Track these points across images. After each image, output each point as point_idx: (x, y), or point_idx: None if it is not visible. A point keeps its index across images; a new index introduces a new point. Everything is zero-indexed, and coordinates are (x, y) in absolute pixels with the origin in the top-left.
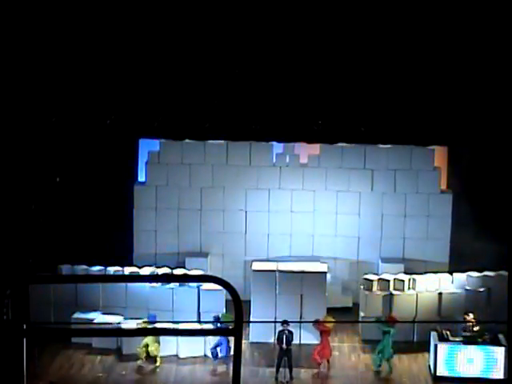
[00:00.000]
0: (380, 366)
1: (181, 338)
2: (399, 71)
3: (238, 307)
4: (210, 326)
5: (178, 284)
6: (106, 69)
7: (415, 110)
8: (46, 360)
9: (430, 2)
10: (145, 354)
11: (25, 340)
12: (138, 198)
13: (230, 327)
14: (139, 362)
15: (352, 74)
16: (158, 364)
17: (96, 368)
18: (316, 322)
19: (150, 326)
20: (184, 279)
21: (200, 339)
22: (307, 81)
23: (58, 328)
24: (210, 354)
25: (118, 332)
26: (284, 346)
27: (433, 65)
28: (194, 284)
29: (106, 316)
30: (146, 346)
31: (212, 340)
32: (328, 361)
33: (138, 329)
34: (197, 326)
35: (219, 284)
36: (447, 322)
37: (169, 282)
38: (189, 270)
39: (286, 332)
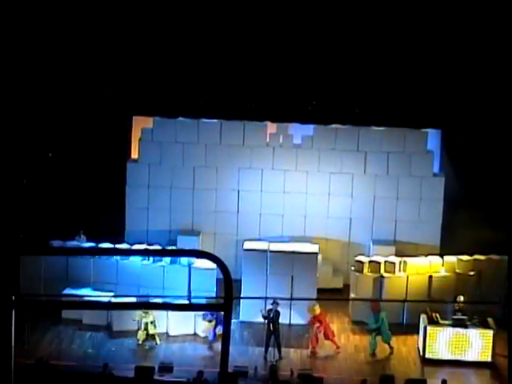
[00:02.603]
0: (375, 349)
1: (171, 316)
2: (394, 53)
3: (228, 282)
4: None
5: (168, 262)
6: (100, 46)
7: (410, 93)
8: (36, 336)
9: None
10: (144, 337)
11: (13, 312)
12: (131, 176)
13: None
14: (139, 343)
15: (347, 55)
16: (158, 342)
17: (86, 344)
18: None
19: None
20: (174, 254)
21: (190, 317)
22: (302, 61)
23: (47, 300)
24: (201, 334)
25: (108, 305)
26: (271, 325)
27: (428, 47)
28: (185, 262)
29: (96, 292)
30: (146, 328)
31: (205, 320)
32: (334, 341)
33: (128, 303)
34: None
35: (209, 259)
36: (435, 301)
37: (159, 255)
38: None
39: (274, 311)
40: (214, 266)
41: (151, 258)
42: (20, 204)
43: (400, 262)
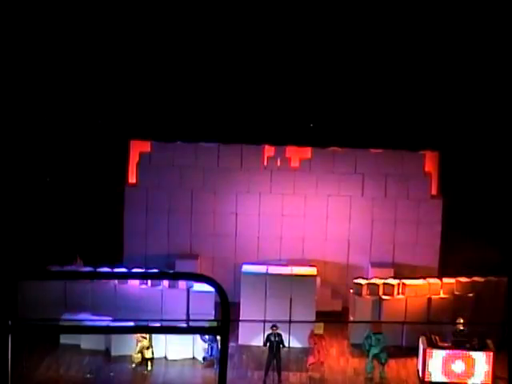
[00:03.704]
0: (372, 371)
1: (170, 340)
2: (391, 76)
3: (225, 305)
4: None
5: (167, 286)
6: (98, 70)
7: (407, 115)
8: (34, 361)
9: (424, 12)
10: (139, 360)
11: (10, 337)
12: (129, 200)
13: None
14: (133, 366)
15: (344, 79)
16: (149, 368)
17: (84, 369)
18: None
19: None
20: (172, 277)
21: (189, 341)
22: (299, 85)
23: (45, 325)
24: (200, 358)
25: (106, 330)
26: (274, 349)
27: (425, 70)
28: (184, 286)
29: (94, 317)
30: (141, 352)
31: (202, 345)
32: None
33: (126, 327)
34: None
35: (206, 282)
36: (434, 323)
37: (157, 279)
38: None
39: (275, 335)
40: (213, 289)
41: (149, 282)
42: (18, 229)
43: (399, 285)
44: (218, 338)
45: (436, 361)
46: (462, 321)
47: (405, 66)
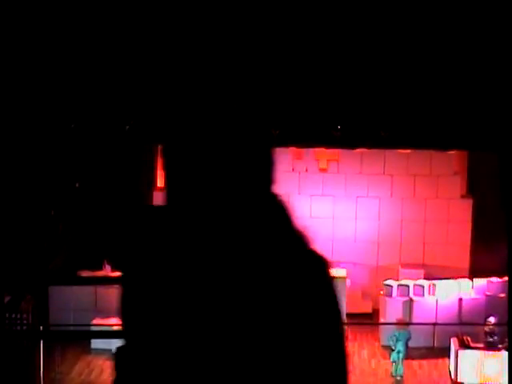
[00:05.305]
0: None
1: None
2: (419, 75)
3: None
4: None
5: None
6: (125, 74)
7: (435, 114)
8: (66, 366)
9: (445, 14)
10: None
11: (42, 342)
12: (157, 203)
13: None
14: None
15: (371, 78)
16: None
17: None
18: None
19: None
20: None
21: None
22: (326, 85)
23: (75, 330)
24: None
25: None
26: None
27: (453, 67)
28: None
29: None
30: None
31: None
32: None
33: None
34: None
35: None
36: (465, 324)
37: None
38: None
39: None
40: None
41: None
42: (48, 234)
43: (429, 285)
44: None
45: (468, 362)
46: (492, 321)
47: (433, 64)
